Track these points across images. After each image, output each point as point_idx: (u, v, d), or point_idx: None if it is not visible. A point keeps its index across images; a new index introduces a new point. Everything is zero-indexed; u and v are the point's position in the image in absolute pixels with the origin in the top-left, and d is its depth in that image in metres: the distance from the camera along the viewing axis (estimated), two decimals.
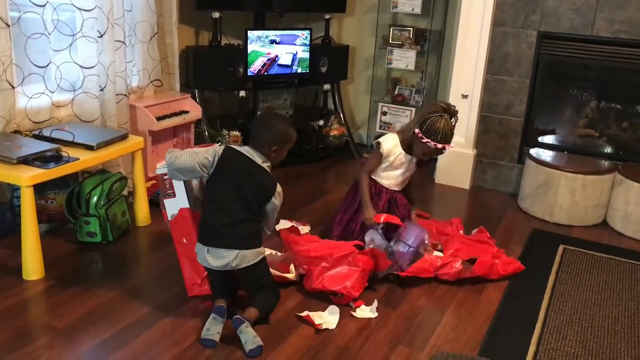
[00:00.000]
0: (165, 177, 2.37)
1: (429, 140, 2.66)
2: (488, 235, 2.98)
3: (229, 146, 2.32)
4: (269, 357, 2.09)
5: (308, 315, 2.33)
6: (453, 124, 2.70)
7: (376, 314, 2.41)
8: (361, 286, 2.49)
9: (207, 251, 2.24)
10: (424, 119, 2.70)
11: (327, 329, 2.28)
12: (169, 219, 2.40)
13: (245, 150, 2.31)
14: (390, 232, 2.76)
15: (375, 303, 2.46)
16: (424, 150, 2.73)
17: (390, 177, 2.85)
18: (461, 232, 3.04)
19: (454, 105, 2.73)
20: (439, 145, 2.66)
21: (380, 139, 2.82)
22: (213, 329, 2.15)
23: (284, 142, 2.35)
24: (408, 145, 2.80)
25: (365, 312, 2.41)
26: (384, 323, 2.37)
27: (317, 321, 2.30)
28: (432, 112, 2.69)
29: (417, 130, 2.70)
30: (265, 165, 2.31)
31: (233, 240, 2.22)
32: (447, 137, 2.66)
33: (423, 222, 3.10)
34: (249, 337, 2.12)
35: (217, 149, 2.29)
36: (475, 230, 3.07)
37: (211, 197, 2.29)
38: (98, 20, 3.05)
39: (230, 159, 2.27)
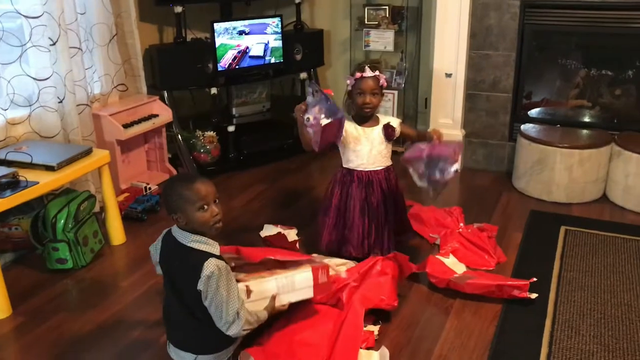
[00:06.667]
0: None
1: (349, 78, 2.58)
2: (490, 234, 2.80)
3: (171, 229, 1.92)
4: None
5: None
6: (372, 71, 2.54)
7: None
8: (396, 293, 2.30)
9: (168, 346, 1.96)
10: None
11: None
12: None
13: (174, 231, 1.89)
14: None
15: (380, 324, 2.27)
16: (354, 97, 2.57)
17: (359, 156, 2.58)
18: (461, 224, 2.86)
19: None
20: (356, 74, 2.54)
21: None
22: None
23: (182, 204, 1.79)
24: (357, 114, 2.62)
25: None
26: (384, 334, 2.19)
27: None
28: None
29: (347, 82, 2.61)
30: (190, 241, 1.82)
31: (186, 343, 1.90)
32: (357, 67, 2.58)
33: (422, 211, 3.00)
34: None
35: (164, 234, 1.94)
36: (477, 225, 2.88)
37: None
38: (48, 27, 2.80)
39: (163, 248, 1.92)
